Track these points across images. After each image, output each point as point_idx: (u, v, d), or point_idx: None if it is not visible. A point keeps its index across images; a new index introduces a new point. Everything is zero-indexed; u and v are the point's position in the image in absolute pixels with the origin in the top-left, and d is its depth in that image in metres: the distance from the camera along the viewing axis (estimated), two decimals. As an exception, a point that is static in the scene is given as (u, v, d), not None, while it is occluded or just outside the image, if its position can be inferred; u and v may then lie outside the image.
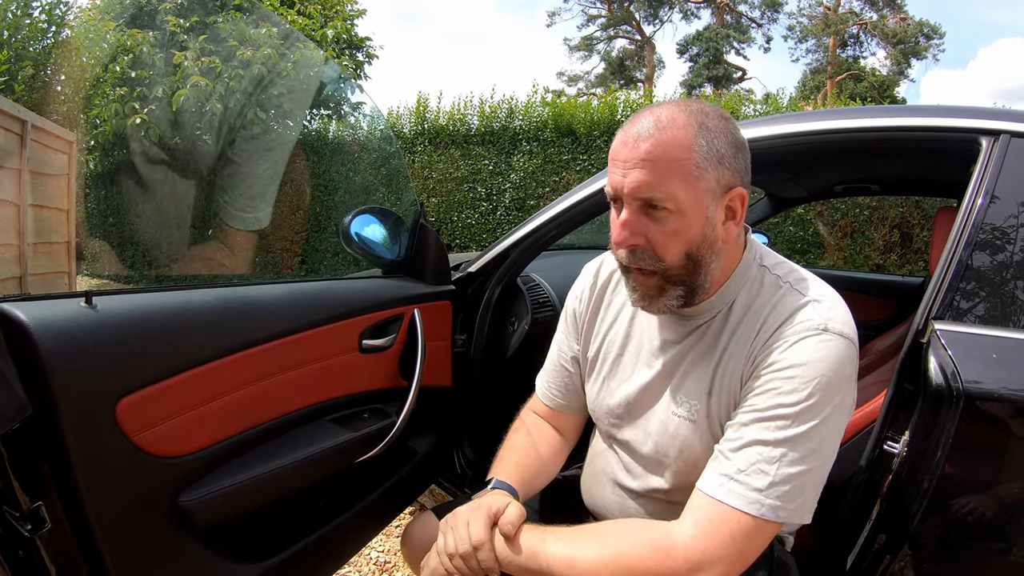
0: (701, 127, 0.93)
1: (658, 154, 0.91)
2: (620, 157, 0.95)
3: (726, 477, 0.91)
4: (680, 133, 0.92)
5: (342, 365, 1.50)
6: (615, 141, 0.98)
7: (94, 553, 1.03)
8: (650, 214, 0.95)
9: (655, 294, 1.00)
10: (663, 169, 0.92)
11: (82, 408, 0.99)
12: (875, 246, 6.06)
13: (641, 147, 0.92)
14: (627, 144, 0.94)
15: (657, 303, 1.01)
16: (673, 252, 0.96)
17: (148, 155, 3.07)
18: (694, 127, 0.93)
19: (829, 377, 0.90)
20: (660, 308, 1.02)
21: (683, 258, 0.96)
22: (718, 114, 0.97)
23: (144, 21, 3.00)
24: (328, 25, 9.71)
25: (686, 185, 0.92)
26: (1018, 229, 1.19)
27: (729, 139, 0.95)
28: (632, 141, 0.93)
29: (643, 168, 0.92)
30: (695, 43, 24.30)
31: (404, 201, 2.63)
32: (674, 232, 0.94)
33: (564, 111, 7.65)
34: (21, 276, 1.91)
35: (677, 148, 0.92)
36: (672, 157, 0.91)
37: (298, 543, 1.40)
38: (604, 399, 1.19)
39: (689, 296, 1.01)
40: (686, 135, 0.92)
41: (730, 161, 0.95)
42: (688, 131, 0.92)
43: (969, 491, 1.10)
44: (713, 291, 1.04)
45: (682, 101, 0.99)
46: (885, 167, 2.21)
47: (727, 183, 0.96)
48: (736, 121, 1.03)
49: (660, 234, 0.95)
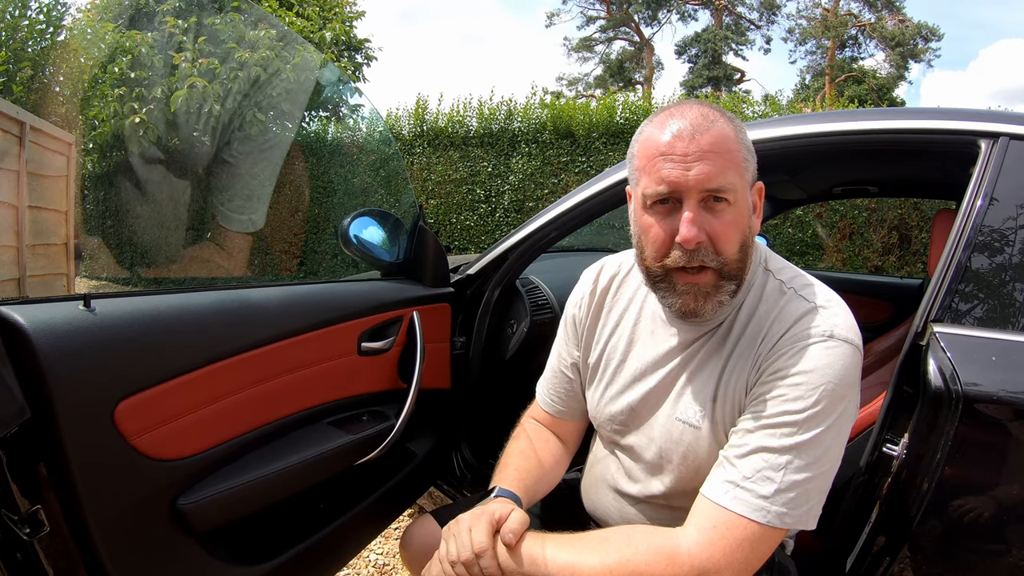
0: (733, 122, 0.97)
1: (718, 146, 0.93)
2: (676, 151, 0.93)
3: (732, 484, 0.91)
4: (727, 127, 0.95)
5: (341, 368, 1.50)
6: (655, 139, 0.96)
7: (93, 556, 1.03)
8: (710, 208, 0.94)
9: (711, 291, 0.97)
10: (724, 160, 0.93)
11: (80, 411, 0.99)
12: (874, 248, 6.06)
13: (701, 140, 0.92)
14: (682, 138, 0.93)
15: (712, 300, 0.98)
16: (733, 244, 0.95)
17: (146, 156, 3.06)
18: (730, 121, 0.96)
19: (835, 384, 0.90)
20: (713, 307, 0.98)
21: (739, 251, 0.96)
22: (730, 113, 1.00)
23: (142, 22, 3.00)
24: (327, 27, 9.70)
25: (738, 176, 0.95)
26: (1017, 231, 1.19)
27: (747, 136, 0.99)
28: (688, 135, 0.93)
29: (707, 160, 0.92)
30: (694, 44, 24.34)
31: (403, 203, 2.62)
32: (733, 223, 0.95)
33: (563, 113, 7.65)
34: (19, 278, 1.90)
35: (729, 140, 0.94)
36: (727, 148, 0.93)
37: (297, 546, 1.40)
38: (606, 406, 1.18)
39: (736, 292, 0.99)
40: (731, 128, 0.95)
41: (754, 155, 0.99)
42: (729, 125, 0.95)
43: (968, 493, 1.10)
44: None
45: (696, 101, 1.00)
46: (884, 169, 2.21)
47: (754, 175, 1.00)
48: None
49: (721, 226, 0.94)
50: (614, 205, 1.69)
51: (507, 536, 0.97)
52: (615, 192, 1.65)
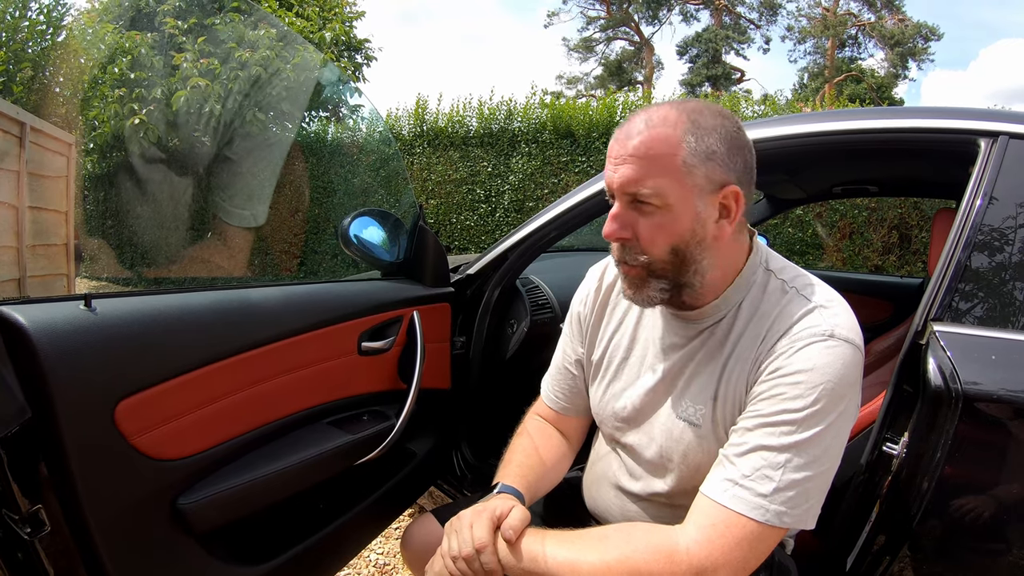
0: (692, 124, 0.94)
1: (644, 150, 0.94)
2: (612, 154, 0.98)
3: (731, 482, 0.91)
4: (668, 130, 0.94)
5: (341, 368, 1.50)
6: (611, 139, 1.00)
7: (93, 556, 1.03)
8: (639, 208, 0.97)
9: (639, 284, 1.02)
10: (649, 165, 0.94)
11: (81, 411, 0.99)
12: (874, 247, 6.06)
13: (629, 144, 0.95)
14: (619, 141, 0.97)
15: (642, 293, 1.02)
16: (658, 246, 0.97)
17: (147, 156, 3.07)
18: (684, 124, 0.94)
19: (835, 383, 0.90)
20: (645, 299, 1.03)
21: (669, 253, 0.97)
22: (715, 112, 0.97)
23: (143, 23, 3.00)
24: (327, 27, 9.70)
25: (672, 181, 0.94)
26: (1017, 230, 1.19)
27: (724, 136, 0.95)
28: (623, 138, 0.96)
29: (630, 164, 0.95)
30: (694, 44, 24.35)
31: (403, 203, 2.62)
32: (660, 227, 0.96)
33: (563, 113, 7.64)
34: (20, 278, 1.90)
35: (664, 144, 0.93)
36: (658, 153, 0.93)
37: (297, 545, 1.40)
38: (609, 403, 1.19)
39: (675, 291, 1.02)
40: (674, 132, 0.94)
41: (723, 158, 0.95)
42: (677, 128, 0.94)
43: (968, 492, 1.10)
44: (716, 294, 1.04)
45: (681, 100, 1.00)
46: (884, 169, 2.21)
47: (719, 180, 0.95)
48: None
49: (646, 228, 0.97)
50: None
51: (507, 532, 0.98)
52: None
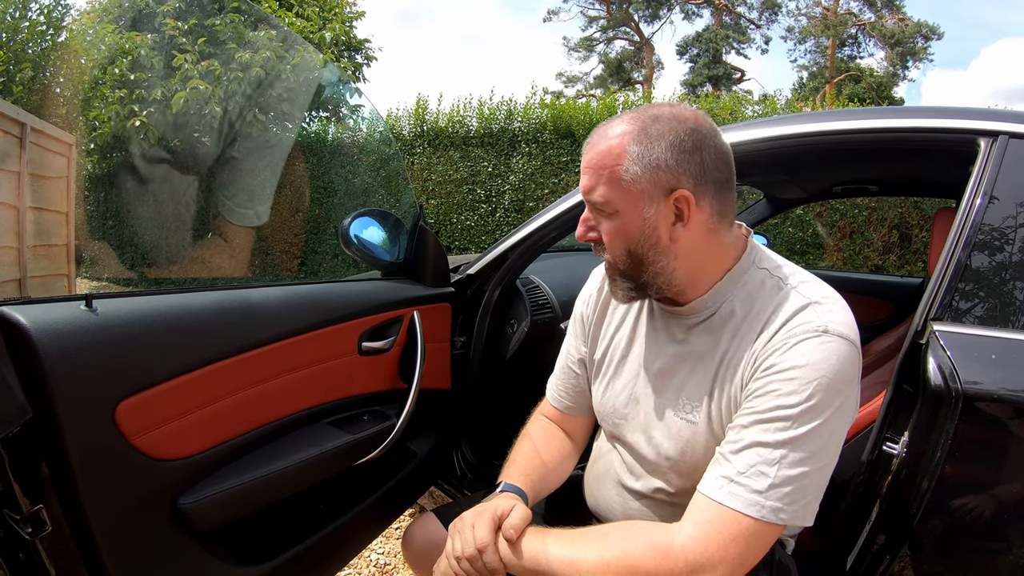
0: (641, 133, 0.97)
1: (593, 162, 1.01)
2: (581, 162, 1.05)
3: (726, 479, 0.91)
4: (614, 142, 0.99)
5: (341, 367, 1.50)
6: None
7: (94, 556, 1.03)
8: (599, 213, 1.04)
9: (611, 280, 1.10)
10: (596, 176, 1.00)
11: (82, 411, 0.99)
12: (874, 247, 6.05)
13: (586, 156, 1.02)
14: (584, 152, 1.04)
15: (613, 288, 1.10)
16: (615, 248, 1.03)
17: (148, 157, 3.07)
18: (632, 134, 0.97)
19: (830, 379, 0.90)
20: (615, 293, 1.10)
21: (624, 255, 1.03)
22: (670, 118, 0.97)
23: (143, 23, 3.00)
24: (326, 27, 9.70)
25: (618, 189, 0.98)
26: (1017, 230, 1.19)
27: (671, 143, 0.95)
28: (585, 150, 1.04)
29: (586, 174, 1.02)
30: (694, 44, 24.34)
31: (403, 203, 2.62)
32: (615, 231, 1.02)
33: (563, 113, 7.64)
34: (20, 279, 1.90)
35: (608, 156, 0.99)
36: (603, 164, 0.99)
37: (298, 545, 1.40)
38: (609, 400, 1.20)
39: (639, 290, 1.07)
40: (620, 143, 0.98)
41: (669, 164, 0.95)
42: (624, 139, 0.98)
43: (968, 491, 1.10)
44: (702, 290, 1.05)
45: (642, 108, 1.02)
46: (884, 168, 2.21)
47: (667, 186, 0.96)
48: (735, 122, 1.04)
49: (605, 232, 1.04)
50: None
51: (508, 532, 1.00)
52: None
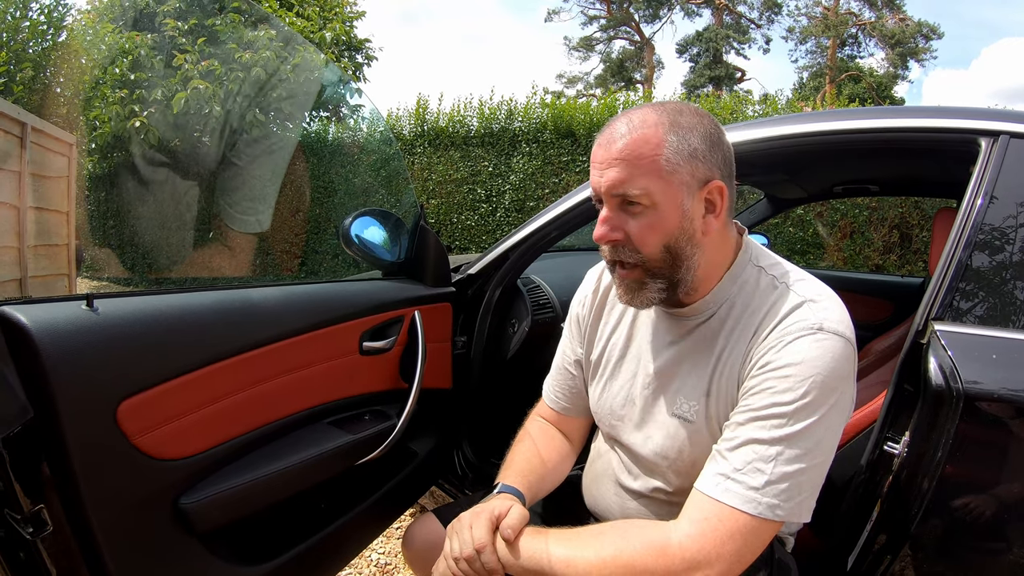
0: (673, 124, 0.96)
1: (628, 153, 0.96)
2: (597, 159, 1.00)
3: (723, 476, 0.92)
4: (650, 131, 0.96)
5: (342, 367, 1.50)
6: (594, 145, 1.02)
7: (95, 556, 1.03)
8: (627, 210, 0.99)
9: (637, 287, 1.03)
10: (634, 166, 0.96)
11: (83, 410, 0.99)
12: (875, 247, 6.05)
13: (614, 148, 0.97)
14: (603, 146, 0.99)
15: (640, 296, 1.04)
16: (651, 245, 0.99)
17: (148, 157, 3.06)
18: (665, 124, 0.96)
19: (825, 376, 0.90)
20: (643, 301, 1.05)
21: (662, 250, 0.99)
22: (692, 111, 0.99)
23: (143, 23, 3.00)
24: (327, 27, 9.70)
25: (658, 180, 0.96)
26: (1017, 229, 1.19)
27: (703, 134, 0.98)
28: (606, 143, 0.98)
29: (616, 166, 0.96)
30: (695, 43, 24.33)
31: (404, 203, 2.63)
32: (650, 226, 0.98)
33: (563, 112, 7.64)
34: (21, 279, 1.90)
35: (647, 145, 0.95)
36: (642, 154, 0.95)
37: (299, 545, 1.40)
38: (606, 401, 1.20)
39: (671, 290, 1.03)
40: (656, 132, 0.96)
41: (704, 155, 0.97)
42: (658, 129, 0.96)
43: (969, 491, 1.10)
44: (706, 290, 1.05)
45: (658, 102, 1.02)
46: (884, 168, 2.21)
47: (703, 176, 0.98)
48: (737, 122, 1.03)
49: (637, 228, 0.98)
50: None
51: (506, 532, 1.00)
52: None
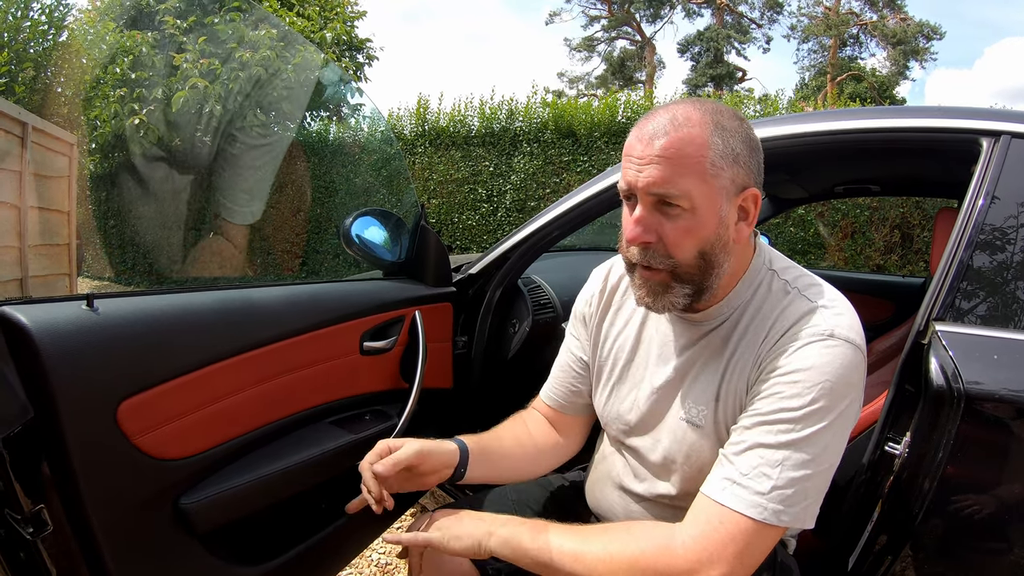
0: (717, 125, 0.93)
1: (673, 151, 0.91)
2: (635, 153, 0.94)
3: (729, 481, 0.91)
4: (696, 131, 0.92)
5: (343, 367, 1.50)
6: (630, 137, 0.97)
7: (95, 556, 1.03)
8: (664, 211, 0.94)
9: (661, 291, 0.98)
10: (678, 166, 0.91)
11: (83, 411, 0.99)
12: (876, 247, 6.05)
13: (656, 144, 0.92)
14: (642, 140, 0.93)
15: (662, 300, 0.99)
16: (685, 250, 0.95)
17: (148, 156, 3.07)
18: (710, 125, 0.92)
19: (834, 382, 0.89)
20: (665, 306, 1.00)
21: (696, 257, 0.95)
22: (732, 113, 0.96)
23: (143, 22, 3.00)
24: (328, 27, 9.70)
25: (700, 183, 0.92)
26: (1019, 230, 1.19)
27: (744, 138, 0.95)
28: (648, 138, 0.93)
29: (658, 164, 0.91)
30: (696, 43, 24.32)
31: (405, 203, 2.63)
32: (687, 230, 0.94)
33: (564, 112, 7.64)
34: (22, 278, 1.90)
35: (692, 145, 0.91)
36: (687, 154, 0.91)
37: (299, 545, 1.40)
38: (613, 405, 1.19)
39: (696, 296, 0.99)
40: (701, 132, 0.92)
41: (745, 160, 0.95)
42: (704, 129, 0.92)
43: (970, 492, 1.10)
44: (722, 295, 1.03)
45: (697, 100, 0.98)
46: (886, 168, 2.20)
47: (741, 183, 0.95)
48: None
49: (673, 231, 0.94)
50: (615, 204, 1.68)
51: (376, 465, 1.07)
52: (617, 192, 1.64)
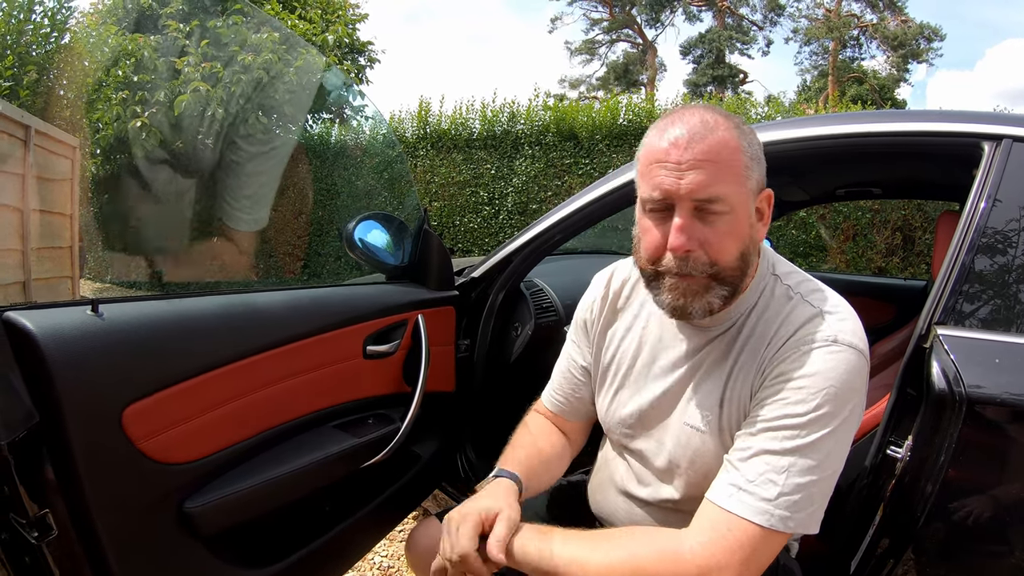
0: (739, 128, 0.95)
1: (713, 154, 0.91)
2: (671, 159, 0.92)
3: (735, 487, 0.91)
4: (727, 134, 0.93)
5: (346, 371, 1.51)
6: (654, 145, 0.96)
7: (100, 560, 1.03)
8: (703, 217, 0.93)
9: (701, 291, 0.96)
10: (719, 170, 0.91)
11: (88, 415, 1.00)
12: (877, 249, 6.04)
13: (695, 148, 0.91)
14: (678, 146, 0.92)
15: (700, 300, 0.96)
16: (729, 253, 0.94)
17: (150, 159, 3.07)
18: (734, 128, 0.94)
19: (838, 388, 0.90)
20: (701, 307, 0.97)
21: (737, 259, 0.95)
22: (739, 118, 0.98)
23: (146, 25, 3.01)
24: (329, 30, 9.72)
25: (738, 185, 0.93)
26: (1020, 233, 1.19)
27: (757, 141, 0.98)
28: (685, 143, 0.92)
29: (701, 169, 0.91)
30: (698, 45, 24.33)
31: (407, 206, 2.64)
32: (728, 233, 0.94)
33: (566, 115, 7.63)
34: (25, 281, 1.91)
35: (727, 148, 0.92)
36: (723, 157, 0.92)
37: (303, 548, 1.40)
38: (616, 410, 1.18)
39: (731, 297, 0.98)
40: (732, 135, 0.93)
41: (762, 162, 0.98)
42: (731, 132, 0.93)
43: (972, 495, 1.10)
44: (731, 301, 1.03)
45: (703, 105, 0.99)
46: (887, 171, 2.21)
47: (761, 183, 0.98)
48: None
49: (715, 235, 0.93)
50: (618, 208, 1.69)
51: (492, 549, 0.96)
52: (619, 195, 1.65)
